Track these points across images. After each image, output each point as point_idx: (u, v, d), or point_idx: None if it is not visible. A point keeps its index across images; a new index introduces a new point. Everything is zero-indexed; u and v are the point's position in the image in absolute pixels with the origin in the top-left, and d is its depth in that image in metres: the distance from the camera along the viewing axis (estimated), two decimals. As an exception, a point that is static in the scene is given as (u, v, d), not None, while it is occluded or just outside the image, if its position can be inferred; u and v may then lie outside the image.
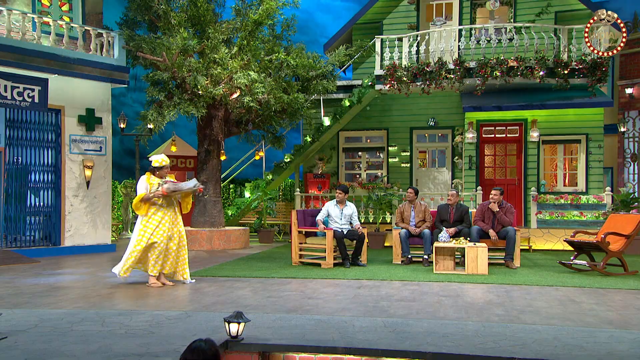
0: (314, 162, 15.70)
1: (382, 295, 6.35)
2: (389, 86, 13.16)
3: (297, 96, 11.93)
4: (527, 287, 6.96)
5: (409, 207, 9.75)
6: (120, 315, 5.20)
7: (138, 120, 11.52)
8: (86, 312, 5.37)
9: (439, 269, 8.27)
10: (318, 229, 9.12)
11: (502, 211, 9.16)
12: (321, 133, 14.52)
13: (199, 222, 12.41)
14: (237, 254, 10.96)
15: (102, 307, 5.63)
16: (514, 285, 7.09)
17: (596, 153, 13.16)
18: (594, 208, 12.35)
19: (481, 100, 13.14)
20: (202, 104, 11.25)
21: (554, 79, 12.49)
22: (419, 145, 15.56)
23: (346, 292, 6.57)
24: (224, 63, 11.25)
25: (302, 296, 6.29)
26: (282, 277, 7.72)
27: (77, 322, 4.89)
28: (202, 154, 12.56)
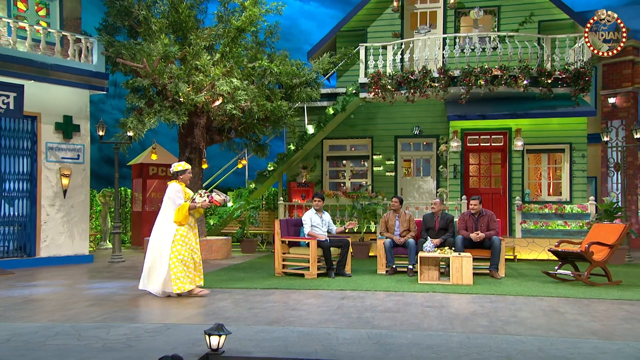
0: (297, 171, 15.69)
1: (366, 306, 6.35)
2: (374, 94, 13.24)
3: (281, 104, 11.93)
4: (511, 297, 7.01)
5: (393, 217, 9.78)
6: (97, 328, 5.13)
7: (117, 127, 11.43)
8: (62, 325, 5.28)
9: (424, 279, 8.29)
10: (302, 238, 9.12)
11: (484, 220, 9.24)
12: (305, 141, 14.53)
13: (180, 231, 12.26)
14: (219, 264, 10.88)
15: (78, 320, 5.54)
16: (498, 295, 7.14)
17: (580, 162, 13.36)
18: (578, 217, 12.52)
19: (466, 109, 13.27)
20: (184, 111, 11.19)
21: (537, 88, 12.68)
22: (403, 154, 15.64)
23: (330, 303, 6.56)
24: (206, 70, 11.22)
25: (284, 307, 6.26)
26: (265, 288, 7.68)
27: (51, 336, 4.81)
28: (183, 162, 12.45)
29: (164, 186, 15.79)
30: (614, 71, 15.65)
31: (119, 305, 6.39)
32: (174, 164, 7.23)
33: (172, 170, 7.20)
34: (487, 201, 13.68)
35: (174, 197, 7.01)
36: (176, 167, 7.20)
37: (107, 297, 6.99)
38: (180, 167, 7.19)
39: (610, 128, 15.66)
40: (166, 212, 7.08)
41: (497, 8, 14.76)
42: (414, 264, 9.08)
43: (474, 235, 9.04)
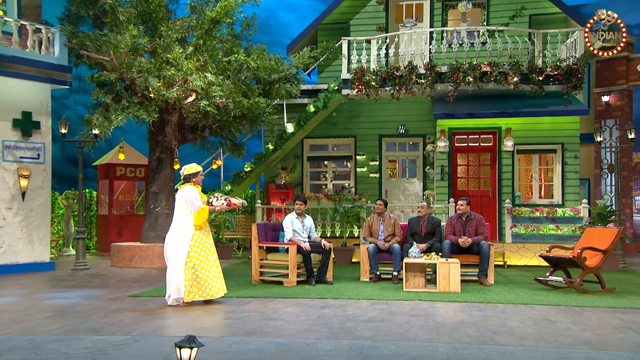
0: (276, 172, 15.65)
1: (348, 315, 6.35)
2: (357, 91, 13.26)
3: (258, 100, 11.91)
4: (501, 305, 7.07)
5: (377, 220, 9.80)
6: (57, 341, 5.04)
7: (82, 125, 11.29)
8: (18, 339, 5.18)
9: (409, 286, 8.32)
10: (281, 244, 9.10)
11: (472, 223, 9.31)
12: (284, 140, 14.50)
13: (150, 237, 12.20)
14: (191, 272, 10.80)
15: (36, 333, 5.44)
16: (487, 303, 7.20)
17: (572, 164, 13.55)
18: (570, 221, 12.68)
19: (453, 107, 13.38)
20: (154, 107, 11.11)
21: (528, 85, 12.83)
22: (388, 154, 15.70)
23: (310, 312, 6.55)
24: (178, 64, 11.15)
25: (261, 317, 6.23)
26: (241, 297, 7.65)
27: (7, 351, 4.71)
28: (153, 163, 12.38)
29: (133, 188, 15.69)
30: (608, 68, 15.90)
31: (82, 317, 6.30)
32: (185, 167, 7.35)
33: (184, 174, 7.32)
34: (476, 204, 13.80)
35: (192, 200, 7.12)
36: (187, 169, 7.32)
37: (69, 308, 6.88)
38: (192, 169, 7.32)
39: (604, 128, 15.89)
40: (181, 216, 7.17)
41: (487, 1, 14.91)
42: (399, 270, 9.10)
43: (461, 240, 9.10)
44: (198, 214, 7.09)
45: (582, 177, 15.09)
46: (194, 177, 7.30)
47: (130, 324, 5.93)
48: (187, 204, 7.14)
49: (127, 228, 14.88)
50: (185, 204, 7.17)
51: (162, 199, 12.28)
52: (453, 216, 9.67)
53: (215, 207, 7.32)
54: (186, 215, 7.14)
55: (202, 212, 7.11)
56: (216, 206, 7.33)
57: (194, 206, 7.11)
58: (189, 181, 7.32)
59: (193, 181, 7.31)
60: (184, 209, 7.17)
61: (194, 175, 7.31)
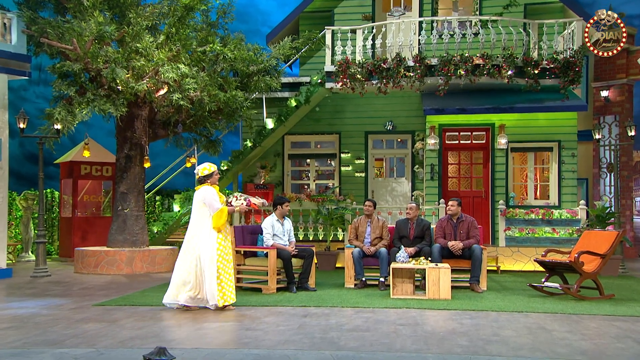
0: (255, 171, 15.62)
1: (331, 324, 6.35)
2: (341, 84, 13.27)
3: (236, 94, 11.86)
4: (494, 313, 7.13)
5: (365, 222, 9.82)
6: (15, 355, 4.97)
7: (42, 119, 11.14)
8: (-28, 352, 5.10)
9: (397, 293, 8.35)
10: (260, 248, 9.09)
11: (464, 226, 9.37)
12: (263, 137, 14.47)
13: (118, 240, 12.10)
14: (163, 279, 10.73)
15: (-7, 346, 5.36)
16: (479, 311, 7.24)
17: (569, 162, 13.69)
18: (567, 224, 12.82)
19: (444, 102, 13.45)
20: (122, 101, 11.03)
21: (523, 79, 12.94)
22: (375, 152, 15.74)
23: (290, 321, 6.54)
24: (148, 54, 11.07)
25: (238, 327, 6.21)
26: (215, 306, 7.61)
27: (-40, 365, 4.64)
28: (121, 161, 12.28)
29: (99, 188, 15.55)
30: (607, 61, 16.05)
31: (43, 328, 6.22)
32: (199, 168, 7.58)
33: (199, 175, 7.54)
34: (468, 205, 13.88)
35: (211, 201, 7.33)
36: (201, 171, 7.53)
37: (28, 319, 6.79)
38: (206, 170, 7.52)
39: (603, 124, 16.08)
40: (201, 219, 7.39)
41: (480, -11, 15.01)
42: (386, 276, 9.12)
43: (451, 244, 9.14)
44: (217, 215, 7.32)
45: (579, 177, 15.26)
46: (209, 178, 7.52)
47: (96, 335, 5.87)
48: (206, 205, 7.37)
49: (93, 231, 14.74)
50: (203, 206, 7.39)
51: (130, 199, 12.18)
52: (443, 218, 9.72)
53: (234, 207, 7.63)
54: (206, 217, 7.37)
55: (222, 214, 7.33)
56: (235, 206, 7.63)
57: (213, 208, 7.33)
58: (204, 182, 7.53)
59: (209, 182, 7.53)
60: (203, 212, 7.40)
61: (209, 176, 7.52)
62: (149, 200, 17.45)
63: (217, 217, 7.31)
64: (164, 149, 13.72)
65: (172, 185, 18.34)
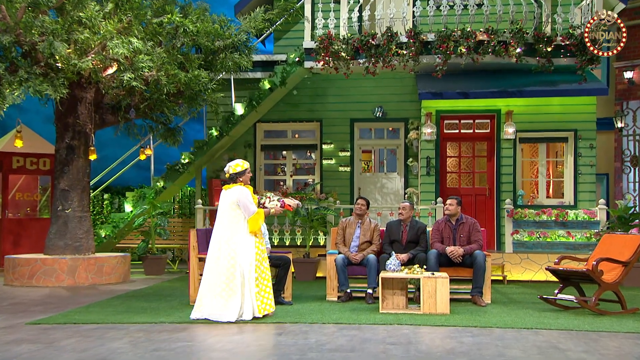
0: (221, 164, 15.50)
1: (310, 344, 6.33)
2: (323, 63, 13.24)
3: (199, 74, 11.79)
4: (499, 330, 7.15)
5: (354, 224, 9.83)
6: None
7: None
8: None
9: (387, 307, 8.35)
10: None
11: (464, 229, 9.40)
12: (232, 125, 14.39)
13: (58, 246, 11.97)
14: (112, 291, 10.66)
15: None
16: (482, 328, 7.27)
17: (587, 155, 13.79)
18: (584, 226, 12.91)
19: (442, 85, 13.47)
20: (62, 81, 10.88)
21: (534, 58, 13.00)
22: (362, 143, 15.73)
23: (262, 340, 6.52)
24: (93, 25, 10.94)
25: (201, 348, 6.17)
26: (175, 322, 7.57)
27: None
28: (62, 152, 12.15)
29: (34, 184, 15.36)
30: (632, 37, 16.04)
31: (-32, 350, 6.12)
32: (230, 165, 7.89)
33: (230, 172, 7.85)
34: (469, 205, 13.95)
35: (247, 203, 7.68)
36: (234, 167, 7.84)
37: (-49, 339, 6.68)
38: (239, 167, 7.83)
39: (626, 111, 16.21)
40: (234, 223, 7.72)
41: (484, -47, 15.05)
42: (375, 287, 9.12)
43: (450, 250, 9.16)
44: (253, 219, 7.69)
45: (599, 172, 15.38)
46: (241, 176, 7.82)
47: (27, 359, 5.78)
48: (240, 208, 7.69)
49: (27, 236, 14.58)
50: (237, 208, 7.71)
51: (73, 198, 12.04)
52: (441, 220, 9.74)
53: (269, 209, 8.01)
54: (240, 221, 7.71)
55: (258, 217, 7.73)
56: (270, 208, 8.03)
57: (249, 211, 7.69)
58: (236, 181, 7.83)
59: (241, 180, 7.83)
60: (236, 214, 7.72)
61: (241, 174, 7.82)
62: (95, 199, 17.29)
63: (254, 220, 7.70)
64: (113, 138, 13.61)
65: (124, 182, 18.22)
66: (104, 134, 13.92)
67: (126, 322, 7.61)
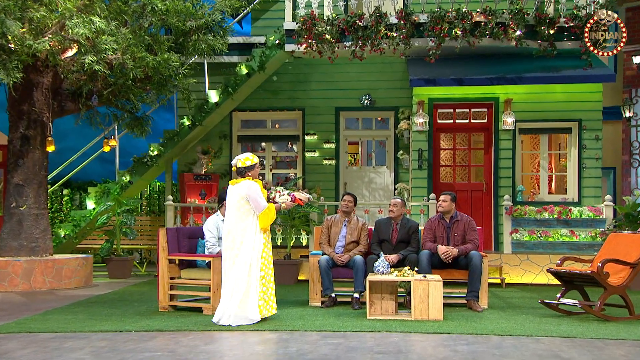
0: (194, 157, 15.51)
1: (291, 353, 6.32)
2: (306, 46, 13.21)
3: (168, 57, 11.74)
4: (496, 338, 7.17)
5: (341, 222, 9.82)
6: None
7: None
8: None
9: (375, 312, 8.36)
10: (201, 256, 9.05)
11: (459, 227, 9.42)
12: (205, 114, 14.36)
13: (11, 247, 11.90)
14: (73, 296, 10.62)
15: None
16: (478, 335, 7.29)
17: (592, 147, 13.87)
18: (589, 225, 12.99)
19: (435, 71, 13.49)
20: (16, 64, 10.78)
21: (535, 41, 13.05)
22: (348, 134, 15.73)
23: (238, 350, 6.49)
24: (50, 2, 10.86)
25: (172, 358, 6.14)
26: (143, 330, 7.53)
27: None
28: (16, 142, 12.06)
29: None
30: (641, 19, 16.21)
31: None
32: (239, 158, 8.14)
33: (238, 166, 8.10)
34: (465, 201, 14.00)
35: (257, 198, 7.91)
36: (243, 161, 8.09)
37: None
38: (248, 160, 8.09)
39: (635, 99, 16.27)
40: (243, 219, 7.96)
41: None
42: (362, 291, 9.13)
43: (443, 250, 9.17)
44: (264, 214, 7.94)
45: (605, 166, 15.46)
46: (250, 171, 8.07)
47: (-19, 370, 5.74)
48: (249, 203, 7.92)
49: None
50: (246, 203, 7.93)
51: (29, 194, 11.96)
52: (434, 217, 9.75)
53: (279, 204, 8.29)
54: (250, 217, 7.95)
55: (269, 213, 7.98)
56: (280, 203, 8.31)
57: (259, 206, 7.91)
58: (244, 175, 8.07)
59: (250, 175, 8.06)
60: (246, 210, 7.95)
61: (251, 168, 8.07)
62: (53, 195, 17.19)
63: (265, 216, 7.93)
64: (73, 128, 13.51)
65: (86, 176, 18.12)
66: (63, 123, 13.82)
67: (88, 330, 7.55)
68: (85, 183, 17.79)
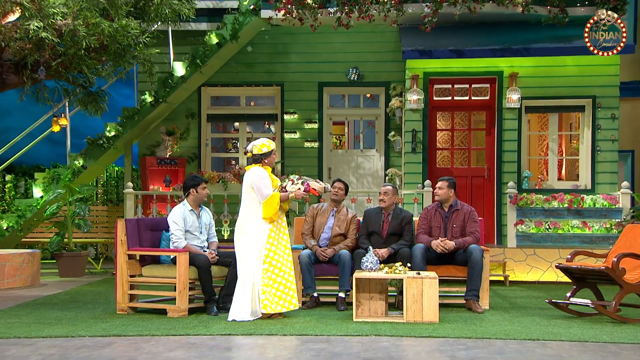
0: (158, 138, 15.46)
1: (266, 361, 6.34)
2: (284, 13, 13.18)
3: (127, 24, 11.64)
4: (499, 342, 7.20)
5: (328, 211, 9.84)
6: None
7: None
8: None
9: (362, 314, 8.38)
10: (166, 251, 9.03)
11: (458, 217, 9.44)
12: (170, 89, 14.29)
13: (-53, 241, 11.82)
14: (17, 297, 10.60)
15: None
16: (478, 339, 7.32)
17: (608, 128, 13.91)
18: (603, 215, 13.04)
19: (432, 41, 13.49)
20: (-50, 31, 10.70)
21: (544, 7, 13.07)
22: (333, 113, 15.72)
23: (208, 357, 6.49)
24: (-12, -41, 10.76)
25: (129, 367, 6.14)
26: (98, 336, 7.51)
27: None
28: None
29: None
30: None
31: None
32: (254, 144, 8.54)
33: (254, 152, 8.52)
34: (465, 188, 14.03)
35: (260, 185, 8.32)
36: (259, 147, 8.49)
37: None
38: (265, 147, 8.49)
39: (656, 74, 16.36)
40: (249, 207, 8.46)
41: None
42: (348, 290, 9.15)
43: (437, 243, 9.18)
44: (267, 203, 8.29)
45: (622, 149, 15.52)
46: (266, 157, 8.52)
47: None
48: (254, 191, 8.35)
49: None
50: (252, 190, 8.38)
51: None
52: (431, 206, 9.77)
53: (289, 193, 8.57)
54: (255, 205, 8.40)
55: (272, 202, 8.29)
56: (290, 192, 8.59)
57: (262, 194, 8.32)
58: (259, 162, 8.51)
59: (266, 162, 8.54)
60: (252, 198, 8.41)
61: (267, 155, 8.51)
62: (-6, 181, 17.10)
63: (267, 205, 8.28)
64: (17, 105, 13.41)
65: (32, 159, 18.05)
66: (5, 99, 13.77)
67: (35, 336, 7.53)
68: (31, 168, 17.72)
